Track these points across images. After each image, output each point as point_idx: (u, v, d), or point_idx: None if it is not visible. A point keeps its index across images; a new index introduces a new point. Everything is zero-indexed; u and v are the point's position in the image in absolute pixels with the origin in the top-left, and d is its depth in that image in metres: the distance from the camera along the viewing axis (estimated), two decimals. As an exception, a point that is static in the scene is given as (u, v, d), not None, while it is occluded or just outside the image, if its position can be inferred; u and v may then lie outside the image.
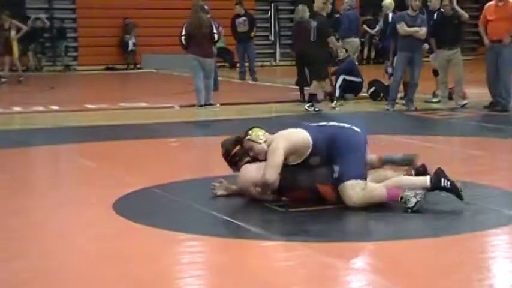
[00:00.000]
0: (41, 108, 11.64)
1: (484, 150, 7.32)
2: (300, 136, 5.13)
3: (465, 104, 10.92)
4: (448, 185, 4.94)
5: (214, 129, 9.20)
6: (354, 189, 4.92)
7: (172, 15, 21.38)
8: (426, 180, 4.99)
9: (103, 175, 6.54)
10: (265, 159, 5.12)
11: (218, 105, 11.45)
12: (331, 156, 5.05)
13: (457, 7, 10.97)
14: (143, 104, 12.12)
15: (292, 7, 20.49)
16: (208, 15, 11.41)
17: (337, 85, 12.44)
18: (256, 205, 5.08)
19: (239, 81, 17.05)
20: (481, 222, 4.78)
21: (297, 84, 12.47)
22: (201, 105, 11.26)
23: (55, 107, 11.67)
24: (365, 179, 5.02)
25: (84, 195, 5.71)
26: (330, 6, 11.34)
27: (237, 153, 5.25)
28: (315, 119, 6.71)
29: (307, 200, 5.06)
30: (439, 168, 5.04)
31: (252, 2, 18.94)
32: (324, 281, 3.73)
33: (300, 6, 12.56)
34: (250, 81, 16.80)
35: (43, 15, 21.24)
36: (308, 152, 5.08)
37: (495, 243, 4.41)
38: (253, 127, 5.31)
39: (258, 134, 5.21)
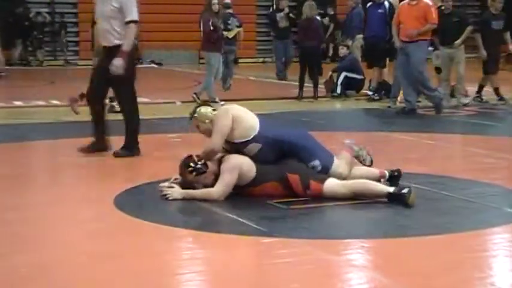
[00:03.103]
0: (41, 103, 11.63)
1: (485, 149, 7.31)
2: (249, 114, 5.34)
3: (467, 103, 10.90)
4: (407, 191, 5.02)
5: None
6: (339, 168, 5.37)
7: (174, 11, 21.35)
8: (385, 189, 5.11)
9: (104, 170, 6.53)
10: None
11: (218, 100, 11.43)
12: (297, 154, 5.28)
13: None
14: (144, 99, 12.08)
15: (294, 3, 20.38)
16: (206, 12, 11.49)
17: (339, 82, 12.45)
18: (257, 202, 5.08)
19: (240, 77, 17.01)
20: (481, 220, 4.78)
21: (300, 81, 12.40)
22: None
23: (56, 102, 11.65)
24: None
25: (84, 190, 5.71)
26: None
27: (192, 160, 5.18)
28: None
29: (276, 194, 5.12)
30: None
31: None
32: (324, 278, 3.72)
33: (307, 3, 12.47)
34: (251, 77, 16.73)
35: (44, 10, 21.21)
36: (252, 135, 5.20)
37: (496, 241, 4.41)
38: (200, 105, 5.40)
39: (206, 112, 5.30)
